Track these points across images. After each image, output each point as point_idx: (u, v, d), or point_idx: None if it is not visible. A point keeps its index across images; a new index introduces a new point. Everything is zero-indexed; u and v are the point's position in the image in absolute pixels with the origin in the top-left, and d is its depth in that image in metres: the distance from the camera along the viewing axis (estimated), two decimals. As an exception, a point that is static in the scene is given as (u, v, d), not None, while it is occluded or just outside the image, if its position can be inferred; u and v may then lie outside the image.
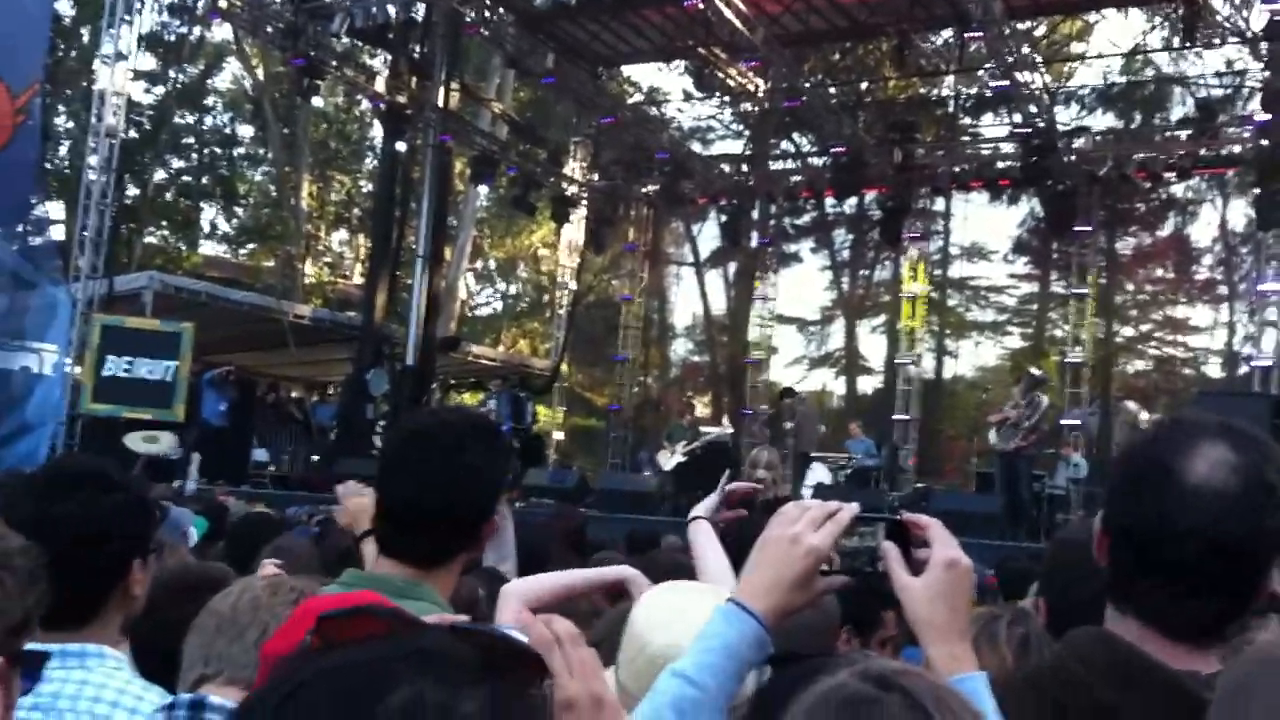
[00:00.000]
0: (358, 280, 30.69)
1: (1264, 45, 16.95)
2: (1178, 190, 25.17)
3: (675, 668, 1.48)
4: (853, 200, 25.70)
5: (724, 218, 22.95)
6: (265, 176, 33.92)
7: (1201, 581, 1.48)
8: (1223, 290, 29.04)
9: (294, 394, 22.20)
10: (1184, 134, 19.66)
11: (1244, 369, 22.09)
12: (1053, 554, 2.39)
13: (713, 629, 1.51)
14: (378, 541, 2.23)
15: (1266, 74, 17.08)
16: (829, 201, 26.10)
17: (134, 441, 13.61)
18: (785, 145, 27.31)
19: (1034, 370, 16.26)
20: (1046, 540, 12.45)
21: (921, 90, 25.31)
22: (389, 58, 19.94)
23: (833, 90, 21.75)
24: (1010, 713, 1.44)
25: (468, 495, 2.16)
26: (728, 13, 15.98)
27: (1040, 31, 22.09)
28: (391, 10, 17.01)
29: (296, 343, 19.13)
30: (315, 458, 19.02)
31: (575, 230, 23.71)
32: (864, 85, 24.32)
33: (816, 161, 23.22)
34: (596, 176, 23.31)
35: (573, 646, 1.34)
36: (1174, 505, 1.48)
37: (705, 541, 2.73)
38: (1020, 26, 19.39)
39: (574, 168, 23.09)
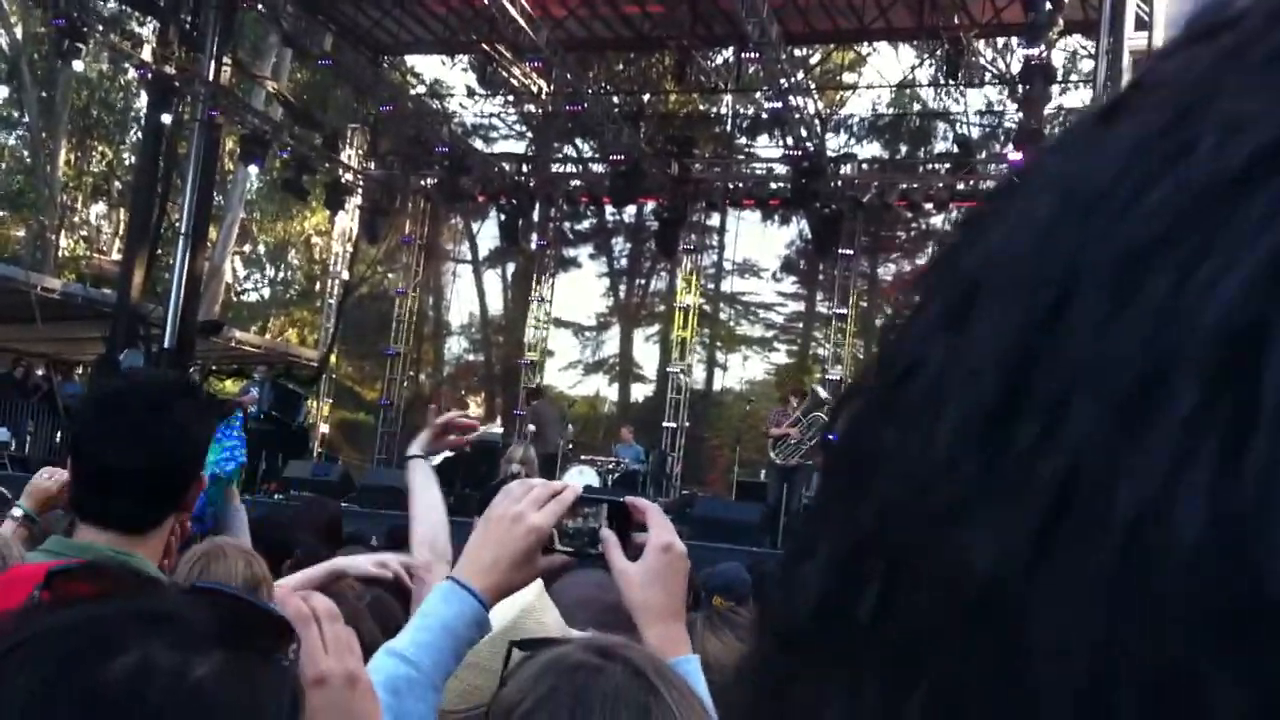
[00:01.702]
0: (115, 256, 29.27)
1: (1020, 88, 18.01)
2: (936, 221, 26.37)
3: (391, 646, 1.47)
4: (632, 210, 25.98)
5: (503, 217, 22.89)
6: (19, 141, 32.02)
7: None
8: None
9: (40, 371, 20.99)
10: (944, 167, 20.70)
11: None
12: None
13: (430, 607, 1.51)
14: (75, 510, 2.14)
15: (1021, 115, 18.14)
16: (608, 209, 26.33)
17: None
18: (568, 150, 27.41)
19: (819, 389, 16.82)
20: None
21: (701, 107, 25.84)
22: (158, 25, 19.09)
23: (615, 99, 21.99)
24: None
25: (169, 454, 2.08)
26: (512, 10, 15.96)
27: (815, 59, 22.86)
28: (164, -24, 16.33)
29: (44, 318, 18.13)
30: (60, 437, 18.03)
31: (349, 219, 23.24)
32: (646, 97, 24.67)
33: (597, 168, 23.43)
34: (373, 165, 22.90)
35: (329, 622, 1.31)
36: None
37: (422, 480, 2.76)
38: (797, 53, 20.09)
39: (350, 155, 22.63)
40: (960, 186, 20.01)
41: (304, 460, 17.85)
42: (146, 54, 18.54)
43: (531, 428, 17.71)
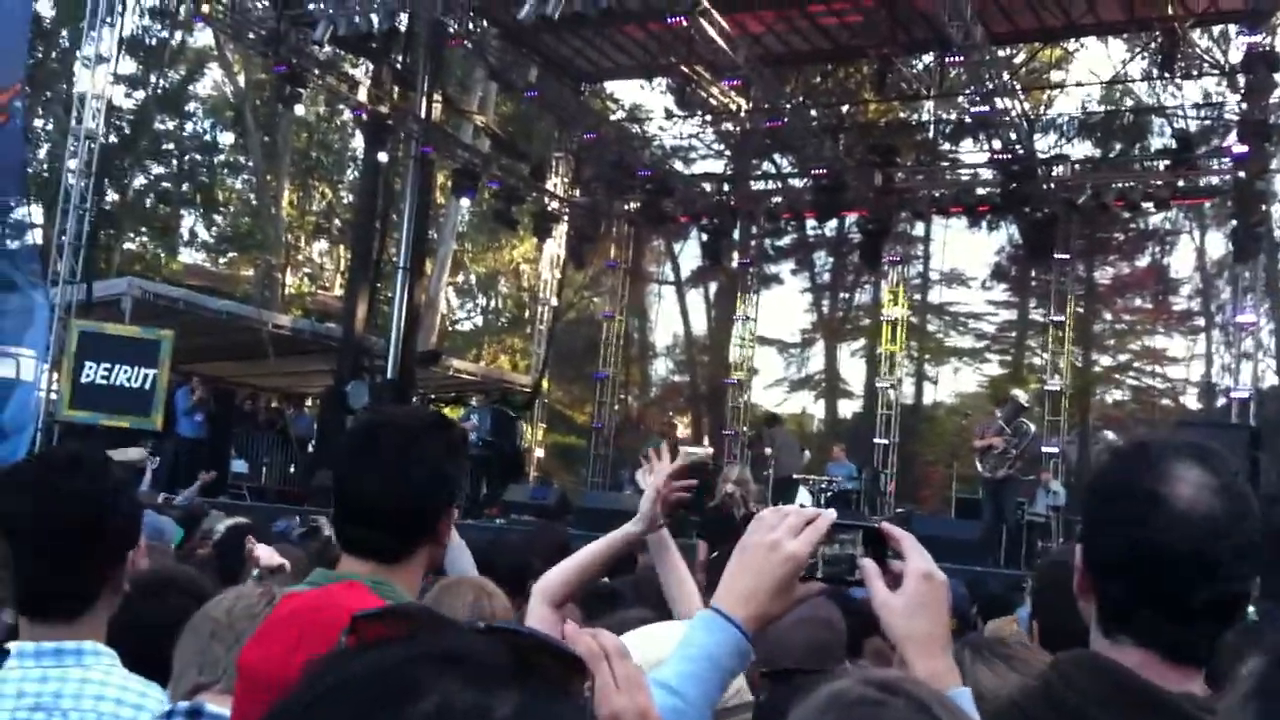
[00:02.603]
0: (338, 291, 30.62)
1: (1241, 78, 17.13)
2: (1156, 220, 25.39)
3: (657, 676, 1.47)
4: (833, 223, 25.78)
5: (705, 237, 22.98)
6: (245, 184, 33.82)
7: (1197, 604, 1.48)
8: (1200, 321, 29.24)
9: (272, 404, 22.08)
10: (1162, 164, 19.82)
11: (1221, 400, 22.25)
12: (1043, 576, 2.39)
13: (693, 637, 1.51)
14: (339, 540, 2.23)
15: (1243, 106, 17.24)
16: (810, 223, 26.18)
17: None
18: (766, 166, 27.40)
19: (1019, 395, 16.33)
20: (1025, 567, 12.52)
21: (902, 114, 25.46)
22: (371, 67, 19.92)
23: (814, 112, 21.84)
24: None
25: (422, 488, 2.15)
26: (710, 31, 16.02)
27: (1020, 58, 22.24)
28: (375, 19, 16.98)
29: (275, 353, 19.05)
30: (293, 469, 18.91)
31: (556, 246, 23.72)
32: (845, 108, 24.44)
33: (797, 183, 23.31)
34: (578, 192, 23.32)
35: (619, 660, 1.34)
36: (1164, 531, 1.48)
37: (664, 555, 2.84)
38: (1000, 53, 19.56)
39: (556, 183, 23.10)
40: (1181, 184, 19.12)
41: (521, 484, 18.26)
42: (362, 95, 19.37)
43: (769, 451, 17.69)
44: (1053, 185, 19.48)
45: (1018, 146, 18.14)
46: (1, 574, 1.45)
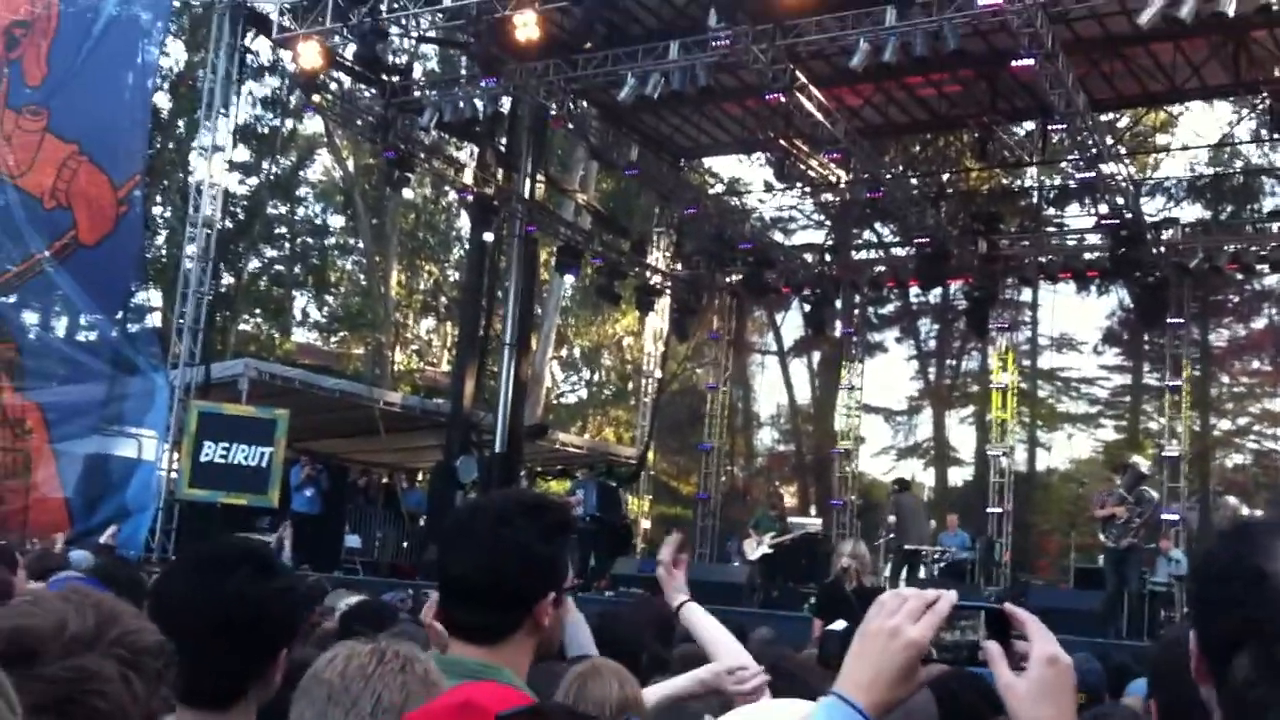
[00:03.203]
0: (445, 367, 31.10)
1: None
2: (1271, 281, 24.67)
3: None
4: (938, 290, 25.53)
5: (807, 307, 22.92)
6: (355, 265, 34.65)
7: None
8: (1320, 382, 28.29)
9: (385, 480, 22.41)
10: (1275, 226, 19.37)
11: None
12: (1162, 653, 2.35)
13: None
14: (445, 623, 2.28)
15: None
16: (914, 291, 25.97)
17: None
18: (868, 235, 27.30)
19: (1140, 461, 15.94)
20: (1149, 638, 12.15)
21: (1004, 181, 25.26)
22: (476, 150, 20.37)
23: (914, 181, 21.79)
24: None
25: (511, 569, 2.19)
26: (809, 106, 16.13)
27: (1124, 123, 21.97)
28: (479, 104, 17.42)
29: (387, 429, 19.37)
30: (405, 544, 19.13)
31: (659, 318, 23.87)
32: (946, 175, 24.33)
33: (900, 251, 23.19)
34: (679, 266, 23.49)
35: None
36: (1274, 608, 1.47)
37: (701, 621, 2.87)
38: (1103, 118, 19.34)
39: (657, 257, 23.31)
40: (1295, 244, 18.66)
41: (629, 557, 18.24)
42: (467, 177, 19.80)
43: (892, 518, 17.49)
44: (1163, 249, 19.13)
45: (1125, 211, 17.87)
46: (162, 676, 1.50)
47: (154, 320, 22.81)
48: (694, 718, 3.09)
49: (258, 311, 33.14)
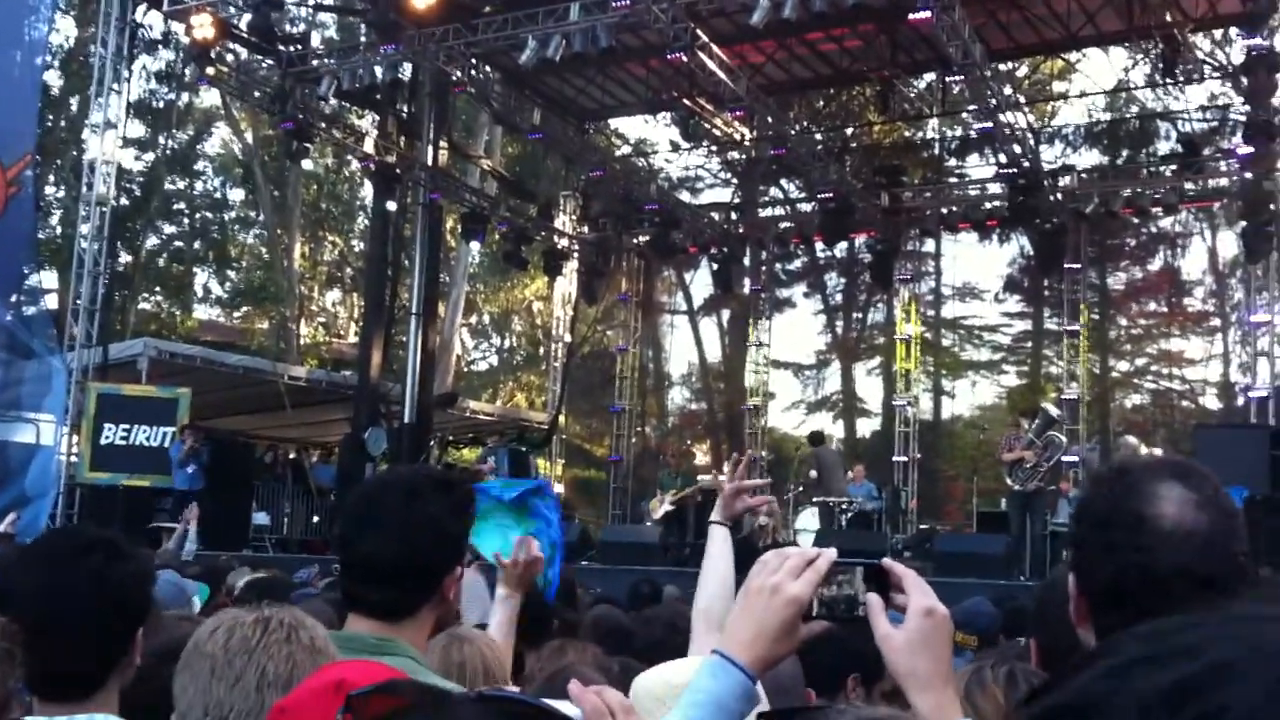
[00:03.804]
0: (352, 339, 30.72)
1: (1244, 79, 17.13)
2: (1166, 224, 25.25)
3: None
4: (843, 244, 25.76)
5: (715, 266, 23.01)
6: (257, 239, 34.02)
7: None
8: (1215, 322, 29.09)
9: (292, 455, 22.13)
10: (1169, 169, 19.81)
11: (1241, 400, 22.14)
12: (1041, 596, 2.39)
13: (700, 683, 1.51)
14: (344, 598, 2.26)
15: (1248, 107, 17.23)
16: (819, 246, 26.17)
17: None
18: (774, 192, 27.42)
19: (1050, 408, 16.25)
20: (1051, 578, 12.45)
21: (906, 133, 25.50)
22: (377, 118, 20.08)
23: (818, 136, 21.91)
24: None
25: (424, 546, 2.18)
26: (711, 65, 16.11)
27: (1022, 72, 22.28)
28: (378, 71, 17.14)
29: (293, 404, 19.13)
30: (315, 519, 18.93)
31: (568, 283, 23.81)
32: (849, 130, 24.49)
33: (805, 207, 23.35)
34: (587, 229, 23.42)
35: (625, 716, 1.36)
36: (1153, 551, 1.49)
37: (714, 550, 2.82)
38: (1002, 68, 19.60)
39: (564, 221, 23.22)
40: (1189, 187, 19.12)
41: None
42: (368, 146, 19.50)
43: (813, 474, 17.63)
44: (1060, 196, 19.48)
45: (1024, 159, 18.15)
46: (13, 654, 1.46)
47: (49, 302, 22.17)
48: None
49: (158, 289, 32.43)
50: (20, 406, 16.22)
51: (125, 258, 27.72)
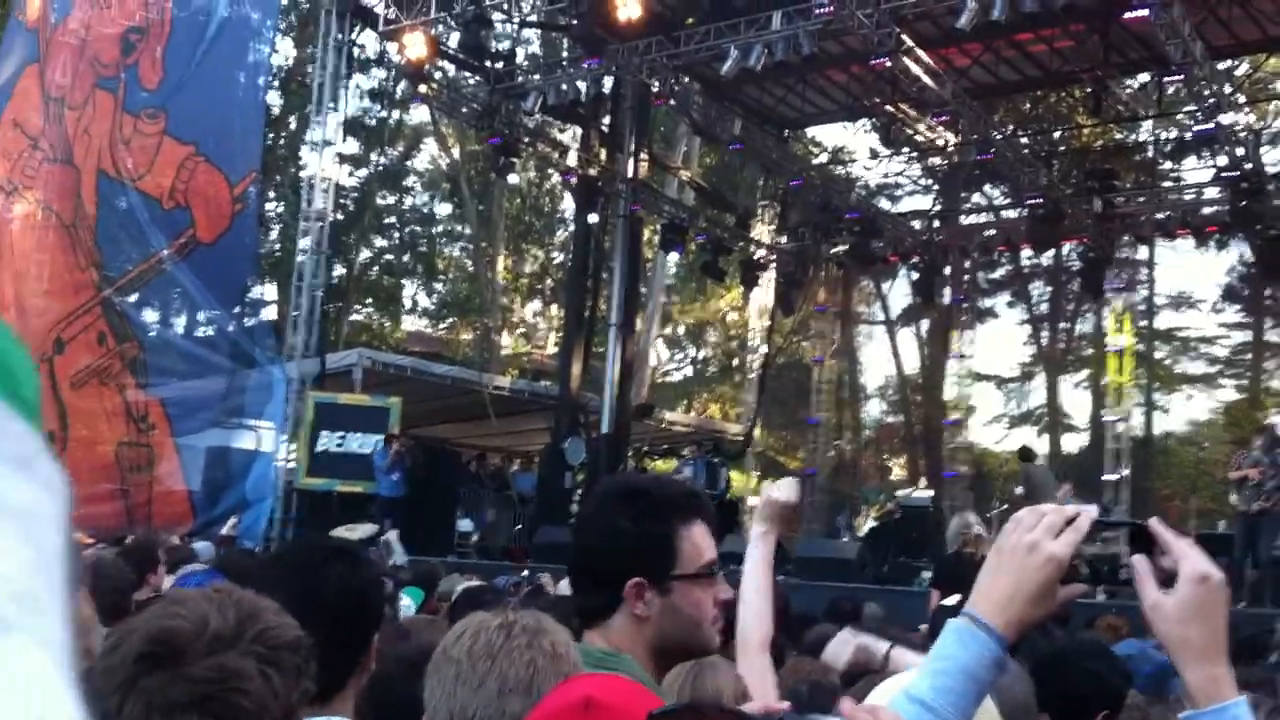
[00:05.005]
0: (552, 350, 31.32)
1: None
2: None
3: (911, 692, 1.41)
4: (1050, 252, 24.99)
5: (915, 275, 22.62)
6: (462, 252, 35.04)
7: None
8: None
9: (496, 463, 22.65)
10: None
11: None
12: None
13: (946, 649, 1.43)
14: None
15: None
16: (1025, 254, 25.45)
17: (337, 533, 13.58)
18: (977, 198, 26.80)
19: (1276, 423, 15.39)
20: (1276, 606, 11.73)
21: (1118, 136, 24.56)
22: (579, 132, 20.40)
23: (1025, 140, 21.28)
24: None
25: (599, 550, 2.21)
26: (915, 69, 15.82)
27: (1243, 70, 21.20)
28: (581, 86, 17.43)
29: (497, 413, 19.54)
30: (518, 527, 19.29)
31: (764, 293, 23.72)
32: (1058, 134, 23.73)
33: (1011, 214, 22.71)
34: (785, 239, 23.29)
35: None
36: None
37: (752, 562, 2.82)
38: (1221, 66, 18.68)
39: (762, 231, 23.15)
40: None
41: (737, 534, 18.15)
42: (571, 159, 19.85)
43: (1020, 490, 17.15)
44: (1287, 200, 18.45)
45: (1245, 162, 17.27)
46: (304, 666, 1.51)
47: (270, 314, 23.31)
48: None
49: (369, 301, 33.71)
50: (243, 414, 17.00)
51: (339, 270, 28.89)
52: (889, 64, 15.66)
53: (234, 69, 17.58)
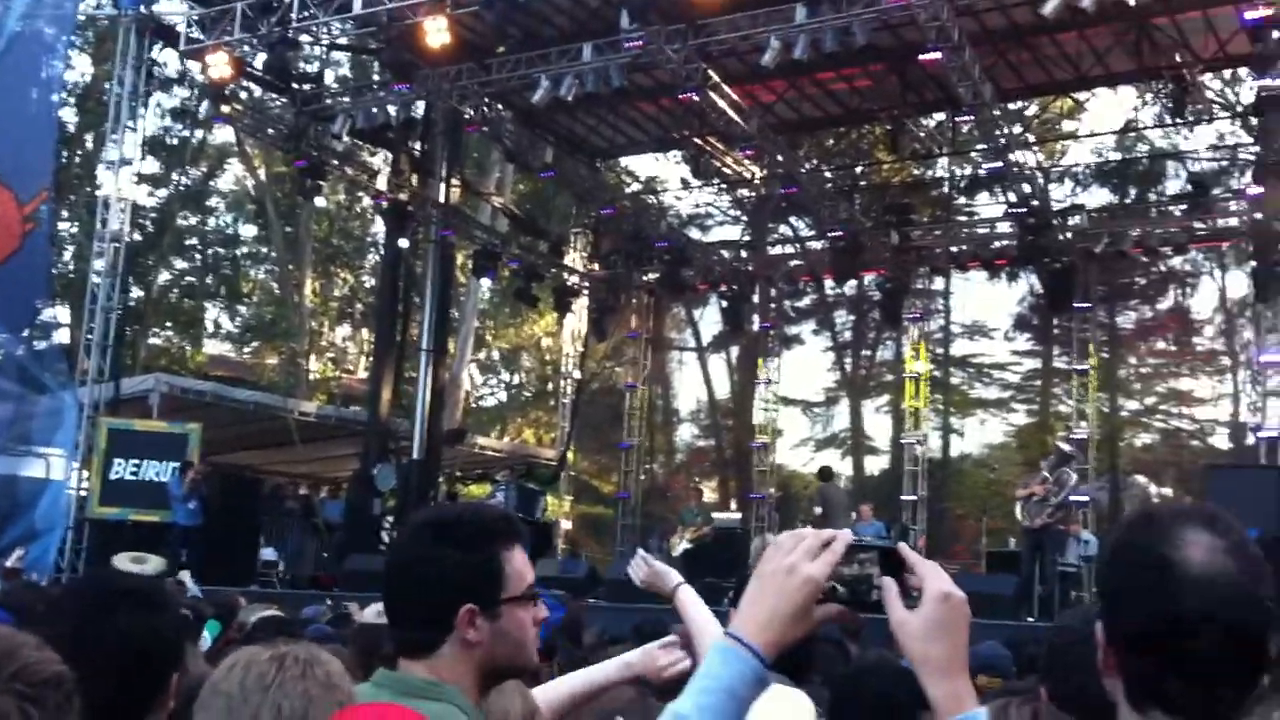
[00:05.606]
0: (362, 375, 30.76)
1: (1254, 119, 17.17)
2: (1175, 263, 25.26)
3: (675, 708, 1.44)
4: (853, 282, 25.81)
5: (725, 303, 23.03)
6: (268, 275, 34.09)
7: (1221, 669, 1.44)
8: (1225, 361, 29.07)
9: (302, 491, 22.11)
10: (1179, 209, 19.83)
11: (1250, 439, 22.05)
12: (1052, 641, 2.37)
13: (711, 668, 1.48)
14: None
15: (1257, 148, 17.26)
16: (829, 283, 26.22)
17: (122, 563, 12.78)
18: (784, 230, 27.50)
19: (1063, 445, 16.19)
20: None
21: (916, 172, 25.56)
22: (390, 155, 20.18)
23: (828, 174, 21.99)
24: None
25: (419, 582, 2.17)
26: (722, 104, 16.22)
27: (1031, 111, 22.37)
28: (391, 110, 17.26)
29: (303, 439, 19.11)
30: (325, 555, 18.88)
31: (577, 319, 23.84)
32: (859, 169, 24.57)
33: (815, 245, 23.40)
34: (597, 266, 23.47)
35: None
36: (1183, 597, 1.46)
37: (694, 603, 2.83)
38: (1011, 107, 19.67)
39: (574, 258, 23.28)
40: (1198, 226, 19.13)
41: (550, 558, 18.16)
42: (381, 183, 19.60)
43: (818, 510, 17.50)
44: (1070, 235, 19.49)
45: (1033, 199, 18.18)
46: (66, 703, 1.46)
47: (61, 337, 22.27)
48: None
49: (169, 324, 32.50)
50: (31, 441, 16.25)
51: (137, 293, 27.81)
52: (696, 98, 16.00)
53: (25, 84, 16.86)
